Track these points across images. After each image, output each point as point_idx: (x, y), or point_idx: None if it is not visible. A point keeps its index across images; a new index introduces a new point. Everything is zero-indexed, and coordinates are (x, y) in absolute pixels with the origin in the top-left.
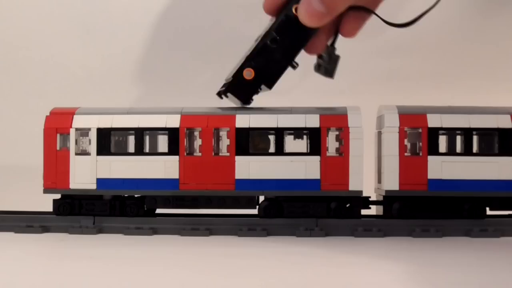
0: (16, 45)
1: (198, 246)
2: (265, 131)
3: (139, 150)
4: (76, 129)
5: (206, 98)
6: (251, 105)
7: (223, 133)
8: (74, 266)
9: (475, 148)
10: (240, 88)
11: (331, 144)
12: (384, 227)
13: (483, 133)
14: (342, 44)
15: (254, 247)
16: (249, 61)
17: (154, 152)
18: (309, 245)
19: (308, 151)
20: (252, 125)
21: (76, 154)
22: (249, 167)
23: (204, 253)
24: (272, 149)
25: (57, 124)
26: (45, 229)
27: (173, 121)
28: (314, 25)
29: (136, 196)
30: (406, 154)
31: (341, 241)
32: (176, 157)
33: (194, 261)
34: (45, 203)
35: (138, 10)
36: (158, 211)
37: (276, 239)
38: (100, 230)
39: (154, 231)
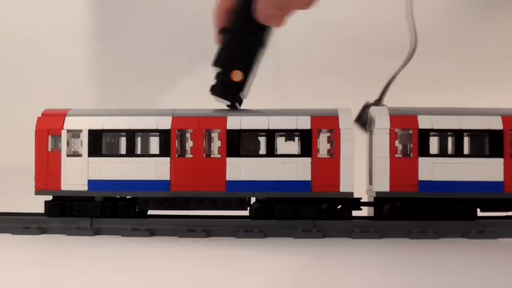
0: (8, 45)
1: (195, 247)
2: (256, 132)
3: (131, 152)
4: (68, 131)
5: (198, 100)
6: (243, 107)
7: (214, 135)
8: (72, 268)
9: (466, 150)
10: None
11: (322, 145)
12: (381, 229)
13: (474, 134)
14: (335, 45)
15: (252, 249)
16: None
17: (145, 154)
18: (306, 246)
19: (299, 152)
20: (243, 127)
21: (68, 155)
22: (240, 169)
23: (202, 254)
24: (263, 150)
25: (49, 126)
26: (42, 230)
27: (164, 123)
28: (269, 24)
29: (127, 197)
30: (397, 155)
31: (338, 243)
32: (167, 159)
33: (192, 263)
34: (40, 204)
35: (136, 10)
36: (150, 212)
37: (273, 240)
38: (97, 232)
39: (151, 233)
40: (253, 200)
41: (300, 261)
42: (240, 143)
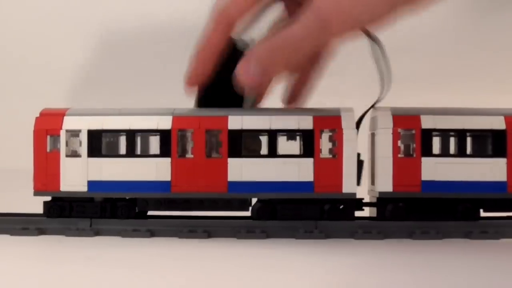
0: (6, 46)
1: (196, 248)
2: (257, 132)
3: (131, 152)
4: (67, 131)
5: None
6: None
7: (215, 135)
8: (71, 269)
9: (468, 150)
10: None
11: (324, 145)
12: (384, 229)
13: (477, 134)
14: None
15: (253, 249)
16: None
17: (145, 154)
18: (308, 247)
19: (301, 153)
20: (245, 127)
21: (67, 156)
22: (241, 169)
23: (203, 255)
24: (265, 151)
25: (47, 126)
26: (41, 231)
27: (165, 123)
28: (249, 86)
29: (127, 198)
30: (399, 155)
31: (340, 244)
32: (168, 159)
33: (192, 263)
34: (39, 205)
35: (134, 12)
36: (151, 213)
37: (275, 241)
38: (97, 233)
39: (152, 234)
40: (254, 200)
41: (303, 261)
42: (242, 143)
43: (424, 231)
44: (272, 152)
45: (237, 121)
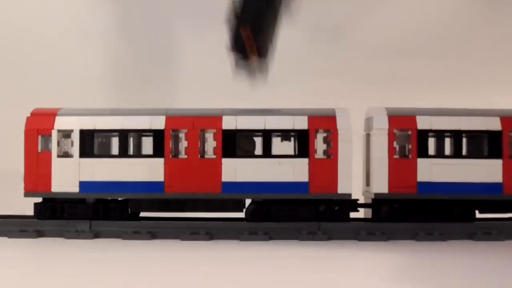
0: (9, 44)
1: (198, 250)
2: (252, 133)
3: (123, 152)
4: (58, 131)
5: (193, 99)
6: (237, 107)
7: (209, 135)
8: (72, 271)
9: (464, 151)
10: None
11: (320, 146)
12: (387, 231)
13: (473, 135)
14: (335, 46)
15: (256, 251)
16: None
17: (138, 155)
18: (312, 249)
19: (296, 153)
20: (239, 127)
21: (58, 156)
22: (236, 170)
23: (205, 257)
24: (259, 151)
25: (39, 126)
26: (39, 233)
27: (158, 123)
28: None
29: (120, 199)
30: (395, 156)
31: (344, 245)
32: (161, 160)
33: (194, 265)
34: (31, 207)
35: (132, 12)
36: (152, 215)
37: (278, 243)
38: (96, 235)
39: (153, 235)
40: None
41: (308, 263)
42: (236, 144)
43: (428, 232)
44: (267, 153)
45: (231, 121)
